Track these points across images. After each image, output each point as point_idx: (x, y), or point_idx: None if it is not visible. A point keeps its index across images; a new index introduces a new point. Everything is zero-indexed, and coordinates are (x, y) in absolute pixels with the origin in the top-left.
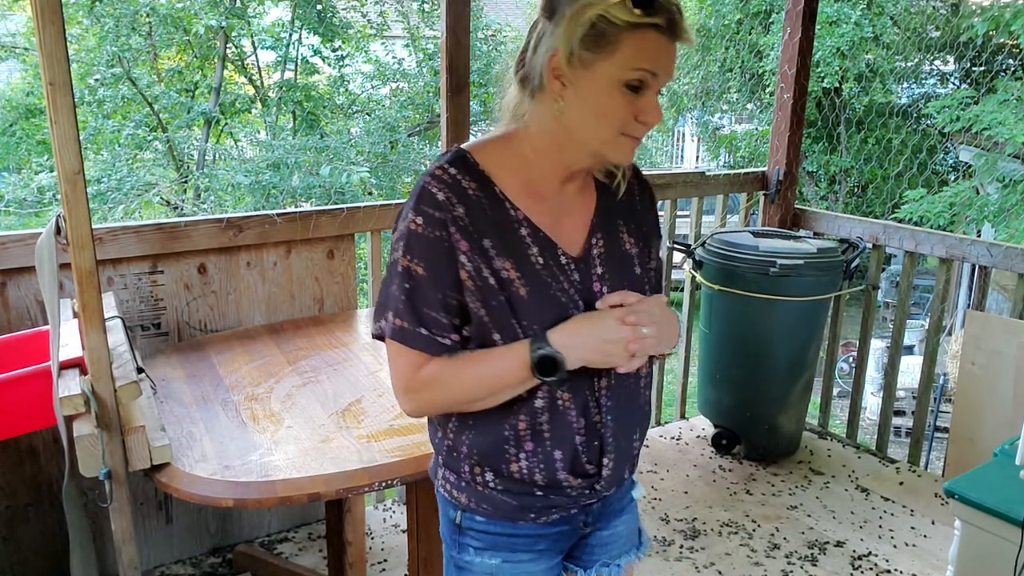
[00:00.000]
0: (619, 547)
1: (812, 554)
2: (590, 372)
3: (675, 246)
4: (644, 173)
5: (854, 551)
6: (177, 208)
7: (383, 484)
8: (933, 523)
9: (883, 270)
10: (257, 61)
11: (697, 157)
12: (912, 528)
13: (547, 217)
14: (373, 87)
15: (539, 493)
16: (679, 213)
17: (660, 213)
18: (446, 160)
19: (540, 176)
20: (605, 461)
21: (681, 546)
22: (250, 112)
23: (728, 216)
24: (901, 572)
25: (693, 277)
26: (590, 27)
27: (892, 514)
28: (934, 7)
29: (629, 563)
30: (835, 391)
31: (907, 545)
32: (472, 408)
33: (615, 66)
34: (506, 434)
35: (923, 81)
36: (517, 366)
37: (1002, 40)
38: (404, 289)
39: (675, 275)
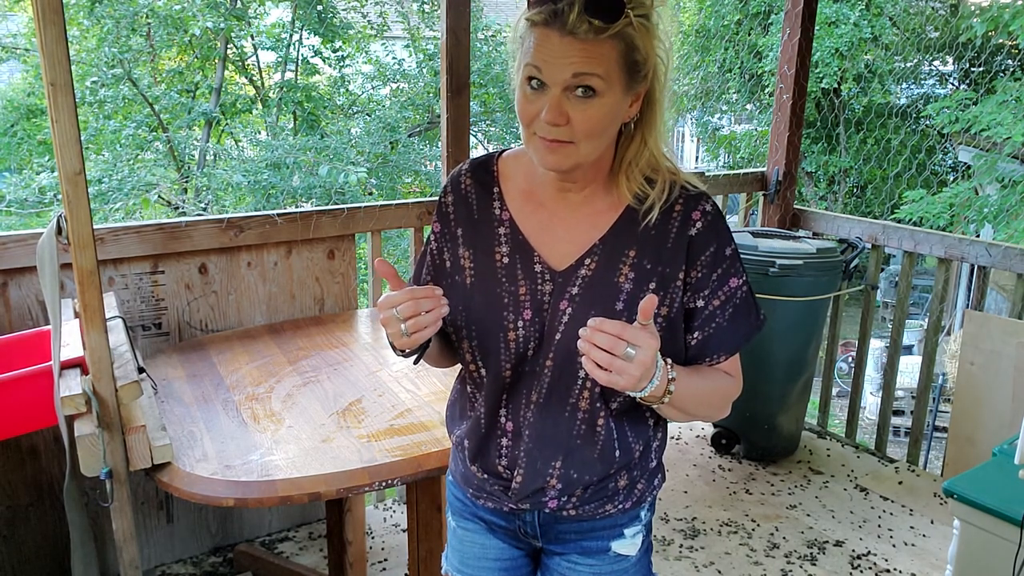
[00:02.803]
0: None
1: (811, 553)
2: (529, 382)
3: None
4: None
5: (853, 550)
6: (178, 208)
7: (383, 484)
8: (932, 522)
9: (882, 270)
10: (258, 62)
11: (696, 157)
12: (911, 527)
13: (539, 224)
14: (373, 87)
15: (474, 470)
16: None
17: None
18: (472, 158)
19: (542, 184)
20: (515, 472)
21: (681, 545)
22: (251, 112)
23: (727, 216)
24: (900, 571)
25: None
26: (517, 33)
27: (891, 513)
28: (933, 8)
29: None
30: (834, 391)
31: (906, 544)
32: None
33: (520, 64)
34: (462, 407)
35: (922, 82)
36: None
37: (1001, 41)
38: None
39: None
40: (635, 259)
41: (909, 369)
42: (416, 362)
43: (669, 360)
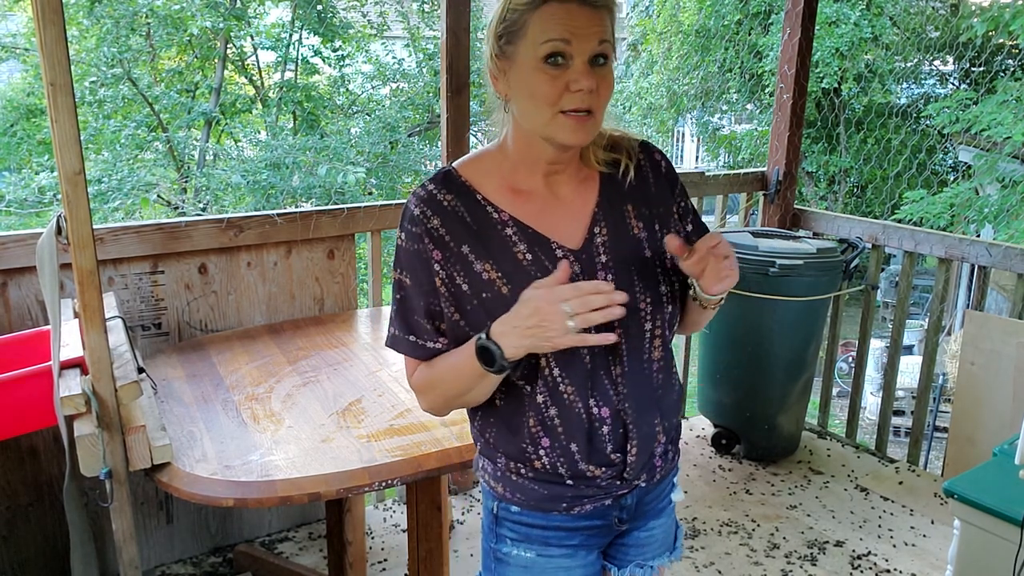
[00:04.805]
0: (654, 549)
1: (812, 554)
2: (605, 361)
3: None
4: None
5: (853, 551)
6: (177, 208)
7: (383, 484)
8: (932, 523)
9: (882, 270)
10: (257, 61)
11: (697, 157)
12: (911, 528)
13: (537, 214)
14: (373, 87)
15: (569, 483)
16: None
17: None
18: (428, 178)
19: (523, 177)
20: (629, 448)
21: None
22: (250, 112)
23: (728, 216)
24: (900, 572)
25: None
26: (502, 22)
27: (891, 514)
28: (933, 7)
29: (662, 566)
30: (834, 391)
31: (906, 545)
32: (467, 403)
33: (529, 47)
34: (523, 432)
35: (922, 81)
36: (470, 358)
37: (1001, 40)
38: (396, 300)
39: None
40: (635, 211)
41: (909, 369)
42: (515, 373)
43: None
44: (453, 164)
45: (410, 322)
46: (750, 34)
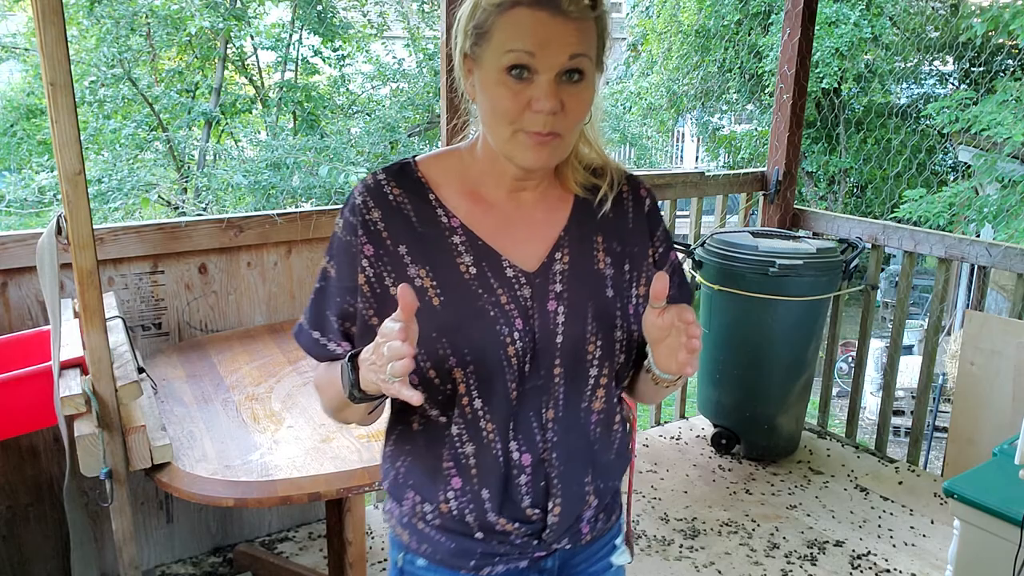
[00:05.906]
0: None
1: (811, 553)
2: (536, 402)
3: (675, 246)
4: (643, 174)
5: (853, 550)
6: (177, 208)
7: (383, 484)
8: (932, 523)
9: (882, 270)
10: (257, 61)
11: (697, 157)
12: (911, 528)
13: (494, 228)
14: (373, 87)
15: (478, 536)
16: (679, 213)
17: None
18: (382, 167)
19: (488, 185)
20: (550, 505)
21: (681, 545)
22: (250, 112)
23: (727, 216)
24: (900, 571)
25: (693, 277)
26: (471, 21)
27: (891, 513)
28: (933, 7)
29: None
30: (834, 391)
31: (906, 544)
32: (350, 420)
33: (493, 53)
34: (436, 466)
35: (922, 81)
36: (338, 377)
37: (1001, 40)
38: (315, 289)
39: None
40: (604, 244)
41: (909, 369)
42: (373, 411)
43: None
44: (416, 157)
45: (321, 317)
46: (750, 34)
